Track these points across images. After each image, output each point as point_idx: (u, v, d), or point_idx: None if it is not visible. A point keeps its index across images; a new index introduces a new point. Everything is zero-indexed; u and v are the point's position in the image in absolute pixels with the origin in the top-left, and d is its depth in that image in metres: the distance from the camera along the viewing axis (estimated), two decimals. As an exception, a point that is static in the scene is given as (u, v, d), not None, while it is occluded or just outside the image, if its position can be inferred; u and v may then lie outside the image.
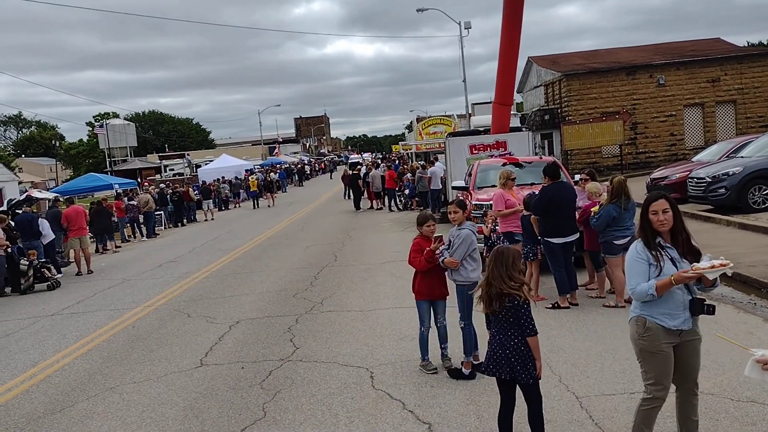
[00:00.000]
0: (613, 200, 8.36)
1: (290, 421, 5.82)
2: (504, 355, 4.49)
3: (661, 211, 4.17)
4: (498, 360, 4.53)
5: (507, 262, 4.53)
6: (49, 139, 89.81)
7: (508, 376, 4.51)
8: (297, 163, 67.14)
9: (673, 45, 37.17)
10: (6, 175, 42.41)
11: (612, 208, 8.31)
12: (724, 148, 18.53)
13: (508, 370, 4.49)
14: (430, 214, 7.02)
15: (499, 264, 4.54)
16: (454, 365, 6.72)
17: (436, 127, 41.04)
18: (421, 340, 6.79)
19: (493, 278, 4.53)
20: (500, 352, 4.52)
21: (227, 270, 14.58)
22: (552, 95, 35.39)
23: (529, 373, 4.48)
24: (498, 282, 4.49)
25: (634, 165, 31.50)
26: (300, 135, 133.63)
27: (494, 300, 4.50)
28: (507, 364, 4.49)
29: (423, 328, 6.74)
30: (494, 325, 4.63)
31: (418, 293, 6.74)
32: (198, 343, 8.68)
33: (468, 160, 17.05)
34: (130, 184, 32.53)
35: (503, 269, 4.51)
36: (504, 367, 4.50)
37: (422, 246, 6.69)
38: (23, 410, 6.76)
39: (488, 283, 4.56)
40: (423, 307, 6.72)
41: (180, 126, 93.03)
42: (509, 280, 4.49)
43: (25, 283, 14.22)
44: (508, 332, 4.51)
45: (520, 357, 4.48)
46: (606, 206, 8.40)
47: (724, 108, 32.11)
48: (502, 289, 4.47)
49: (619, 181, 8.51)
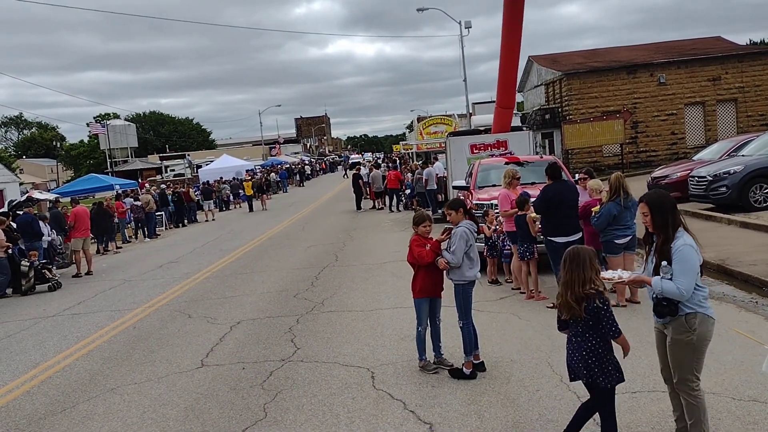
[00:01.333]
0: (613, 197, 8.32)
1: (291, 422, 5.81)
2: (581, 357, 4.38)
3: (642, 214, 4.46)
4: (575, 364, 4.41)
5: (584, 264, 4.34)
6: (50, 140, 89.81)
7: (587, 379, 4.39)
8: (298, 164, 67.18)
9: (674, 44, 37.15)
10: (7, 176, 42.45)
11: (612, 206, 8.27)
12: (725, 146, 18.51)
13: (585, 372, 4.37)
14: (427, 214, 7.00)
15: (575, 266, 4.35)
16: (449, 361, 6.75)
17: (437, 126, 41.04)
18: (420, 340, 6.77)
19: (572, 282, 4.34)
20: (577, 356, 4.41)
21: (228, 270, 14.58)
22: (553, 94, 35.37)
23: (608, 377, 4.36)
24: (577, 285, 4.31)
25: (635, 164, 31.48)
26: (301, 135, 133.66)
27: (578, 304, 4.31)
28: (585, 367, 4.36)
29: (421, 327, 6.72)
30: (571, 328, 4.46)
31: (421, 291, 6.69)
32: (199, 343, 8.67)
33: (469, 159, 17.04)
34: (130, 185, 32.52)
35: (580, 271, 4.32)
36: (581, 371, 4.39)
37: (422, 242, 6.67)
38: (24, 411, 6.76)
39: (567, 287, 4.37)
40: (423, 306, 6.71)
41: (181, 126, 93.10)
42: (589, 282, 4.31)
43: (26, 284, 14.23)
44: (585, 335, 4.38)
45: (598, 360, 4.36)
46: (606, 204, 8.36)
47: (725, 107, 32.09)
48: (584, 292, 4.29)
49: (617, 177, 8.45)
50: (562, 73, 33.19)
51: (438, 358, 6.84)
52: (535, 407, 5.62)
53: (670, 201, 4.48)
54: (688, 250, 4.24)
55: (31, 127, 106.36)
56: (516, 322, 8.33)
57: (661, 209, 4.36)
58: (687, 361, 4.35)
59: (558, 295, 4.52)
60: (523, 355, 6.98)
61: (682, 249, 4.25)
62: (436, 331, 6.82)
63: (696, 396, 4.37)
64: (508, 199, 9.91)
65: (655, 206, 4.38)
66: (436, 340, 6.84)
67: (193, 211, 30.56)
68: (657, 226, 4.38)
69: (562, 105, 33.62)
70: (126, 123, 70.42)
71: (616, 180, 8.38)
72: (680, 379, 4.40)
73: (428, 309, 6.73)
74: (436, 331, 6.82)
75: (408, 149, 47.95)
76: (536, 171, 12.34)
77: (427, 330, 6.77)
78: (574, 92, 32.42)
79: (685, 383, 4.38)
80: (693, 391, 4.37)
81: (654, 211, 4.37)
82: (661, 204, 4.39)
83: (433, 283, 6.67)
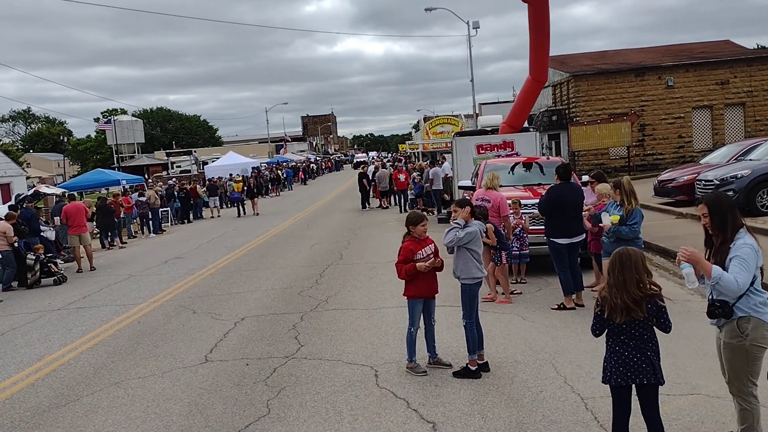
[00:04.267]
0: (633, 202, 8.06)
1: (294, 419, 5.81)
2: (646, 359, 4.27)
3: (702, 215, 4.50)
4: (637, 365, 4.27)
5: (636, 265, 4.22)
6: (57, 134, 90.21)
7: (653, 380, 4.29)
8: (304, 162, 67.25)
9: (683, 47, 36.99)
10: (14, 170, 42.66)
11: (640, 211, 8.09)
12: (732, 150, 18.43)
13: (650, 370, 4.27)
14: (423, 214, 6.97)
15: (627, 268, 4.21)
16: (445, 360, 6.76)
17: (443, 126, 41.04)
18: (411, 342, 6.74)
19: (625, 283, 4.18)
20: (640, 357, 4.27)
21: (233, 267, 14.60)
22: (560, 96, 35.29)
23: (662, 374, 4.34)
24: (633, 287, 4.17)
25: (642, 167, 31.36)
26: (307, 133, 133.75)
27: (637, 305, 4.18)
28: (651, 367, 4.27)
29: (413, 328, 6.69)
30: (625, 331, 4.30)
31: (418, 293, 6.65)
32: (203, 339, 8.69)
33: (475, 159, 17.02)
34: (137, 180, 32.60)
35: (632, 272, 4.20)
36: (646, 372, 4.27)
37: (412, 251, 6.58)
38: (28, 404, 6.78)
39: (620, 289, 4.20)
40: (418, 308, 6.68)
41: (187, 123, 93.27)
42: (644, 282, 4.21)
43: (32, 277, 14.29)
44: (644, 336, 4.28)
45: (659, 359, 4.32)
46: (635, 208, 8.06)
47: (732, 110, 31.92)
48: (643, 292, 4.18)
49: (628, 181, 8.29)
50: (569, 74, 33.09)
51: (433, 358, 6.83)
52: (539, 408, 5.60)
53: (728, 202, 4.49)
54: (747, 250, 4.24)
55: (38, 121, 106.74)
56: (520, 322, 8.31)
57: (720, 210, 4.37)
58: (740, 366, 4.32)
59: (599, 299, 4.36)
60: (528, 356, 6.97)
61: (741, 248, 4.25)
62: (430, 331, 6.80)
63: (750, 402, 4.34)
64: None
65: (714, 207, 4.39)
66: (430, 340, 6.83)
67: (199, 208, 30.64)
68: (716, 226, 4.38)
69: (569, 107, 33.53)
70: (133, 119, 70.66)
71: (629, 184, 8.20)
72: (733, 383, 4.38)
73: (422, 310, 6.70)
74: (430, 331, 6.80)
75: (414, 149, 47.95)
76: (541, 172, 12.29)
77: (419, 331, 6.73)
78: (582, 94, 32.32)
79: (738, 388, 4.36)
80: (747, 397, 4.33)
81: (712, 212, 4.37)
82: (720, 205, 4.40)
83: (427, 285, 6.63)
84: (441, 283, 6.92)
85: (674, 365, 6.18)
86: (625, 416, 4.43)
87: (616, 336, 4.36)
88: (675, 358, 6.36)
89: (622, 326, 4.29)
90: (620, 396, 4.41)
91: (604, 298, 4.31)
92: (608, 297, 4.25)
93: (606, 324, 4.37)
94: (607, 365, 4.40)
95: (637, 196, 8.20)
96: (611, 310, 4.25)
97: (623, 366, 4.30)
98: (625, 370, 4.30)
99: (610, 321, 4.31)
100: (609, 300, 4.25)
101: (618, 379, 4.32)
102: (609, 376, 4.37)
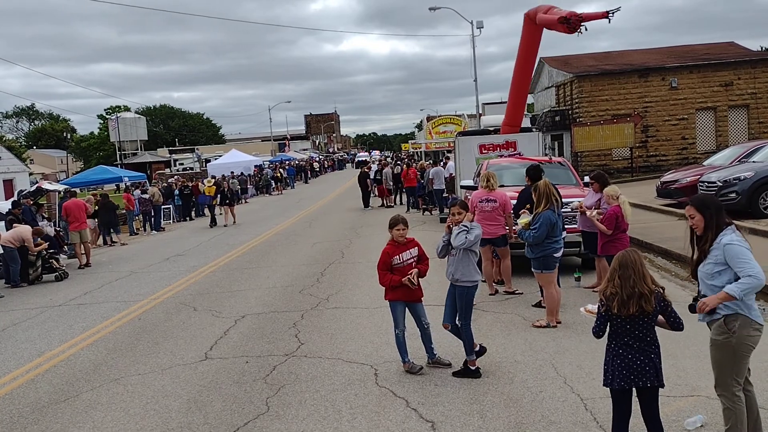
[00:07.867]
0: (546, 206, 7.79)
1: (293, 416, 5.81)
2: (649, 361, 4.27)
3: (689, 217, 4.57)
4: (641, 368, 4.26)
5: (637, 264, 4.24)
6: (61, 131, 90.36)
7: (653, 382, 4.28)
8: (306, 160, 67.21)
9: (687, 48, 36.91)
10: (17, 167, 42.75)
11: (550, 214, 7.77)
12: (736, 152, 18.39)
13: (653, 372, 4.27)
14: (402, 217, 6.85)
15: (630, 269, 4.24)
16: (445, 360, 6.75)
17: (446, 126, 40.91)
18: (400, 343, 6.73)
19: (633, 280, 4.20)
20: (643, 359, 4.26)
21: (234, 265, 14.61)
22: (563, 96, 35.25)
23: (662, 376, 4.34)
24: (639, 284, 4.19)
25: (645, 168, 31.31)
26: (310, 132, 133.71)
27: (643, 302, 4.18)
28: (654, 369, 4.27)
29: (399, 330, 6.67)
30: (629, 332, 4.30)
31: (395, 297, 6.61)
32: (203, 336, 8.69)
33: (477, 159, 17.01)
34: (139, 178, 32.62)
35: (636, 269, 4.23)
36: (650, 375, 4.26)
37: (389, 254, 6.58)
38: (28, 399, 6.79)
39: (628, 282, 4.21)
40: (399, 309, 6.64)
41: (191, 121, 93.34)
42: (649, 279, 4.24)
43: (33, 273, 14.31)
44: (647, 338, 4.29)
45: (660, 360, 4.31)
46: (543, 212, 7.79)
47: (736, 112, 31.86)
48: (647, 288, 4.20)
49: (545, 184, 7.96)
50: (573, 75, 33.04)
51: (433, 359, 6.81)
52: (538, 408, 5.59)
53: (715, 203, 4.55)
54: (736, 247, 4.31)
55: (42, 118, 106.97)
56: (520, 323, 8.30)
57: (707, 211, 4.44)
58: (725, 364, 4.33)
59: (603, 298, 4.34)
60: (527, 356, 6.96)
61: (728, 246, 4.31)
62: (425, 334, 6.76)
63: (733, 401, 4.33)
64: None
65: (701, 208, 4.47)
66: (427, 343, 6.80)
67: (202, 205, 30.61)
68: (704, 227, 4.46)
69: (573, 107, 33.49)
70: (136, 116, 70.72)
71: (546, 187, 7.90)
72: (718, 381, 4.38)
73: (404, 311, 6.66)
74: (425, 334, 6.76)
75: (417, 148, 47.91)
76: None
77: (405, 332, 6.70)
78: (585, 95, 32.27)
79: (722, 386, 4.35)
80: (730, 396, 4.33)
81: (700, 214, 4.46)
82: (707, 206, 4.47)
83: (406, 289, 6.54)
84: (436, 285, 6.91)
85: (674, 366, 6.17)
86: (625, 418, 4.41)
87: (619, 338, 4.34)
88: (675, 360, 6.35)
89: (626, 327, 4.27)
90: (621, 399, 4.39)
91: (609, 295, 4.28)
92: (618, 291, 4.23)
93: (610, 322, 4.35)
94: (608, 368, 4.39)
95: (555, 200, 7.86)
96: (621, 303, 4.21)
97: (627, 369, 4.28)
98: (629, 373, 4.28)
99: (618, 317, 4.27)
100: (619, 294, 4.22)
101: (621, 383, 4.30)
102: (611, 380, 4.35)
